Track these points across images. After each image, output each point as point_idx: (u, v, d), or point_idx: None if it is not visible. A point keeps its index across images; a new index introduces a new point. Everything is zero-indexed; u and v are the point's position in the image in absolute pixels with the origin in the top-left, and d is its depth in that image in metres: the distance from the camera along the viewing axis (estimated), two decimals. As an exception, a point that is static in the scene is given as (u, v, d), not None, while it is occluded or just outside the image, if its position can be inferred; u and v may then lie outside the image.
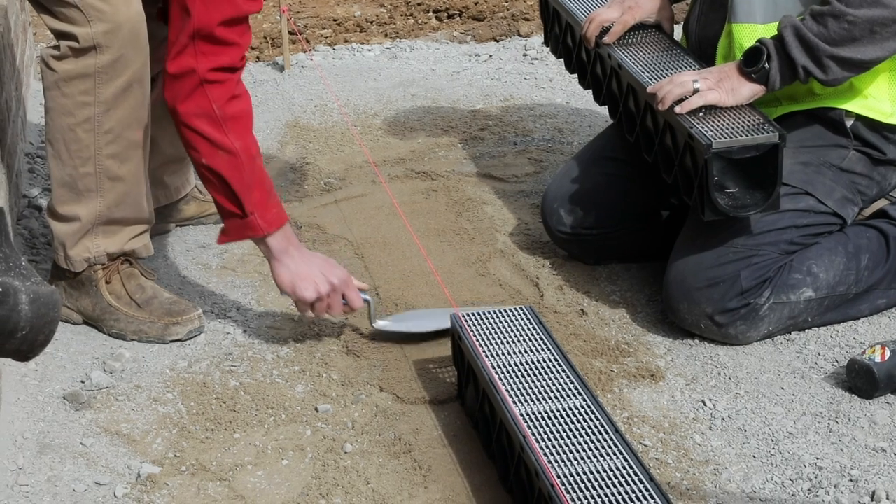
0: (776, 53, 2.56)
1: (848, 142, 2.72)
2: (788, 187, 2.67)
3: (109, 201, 2.68)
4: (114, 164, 2.64)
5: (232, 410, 2.49)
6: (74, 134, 2.61)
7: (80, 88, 2.58)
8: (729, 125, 2.54)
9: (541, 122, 3.93)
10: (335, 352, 2.69)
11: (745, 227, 2.65)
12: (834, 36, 2.52)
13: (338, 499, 2.22)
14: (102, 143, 2.62)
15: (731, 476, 2.26)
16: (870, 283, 2.72)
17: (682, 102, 2.61)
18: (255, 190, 2.58)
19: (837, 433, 2.37)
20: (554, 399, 2.20)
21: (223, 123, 2.53)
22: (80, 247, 2.71)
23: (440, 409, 2.48)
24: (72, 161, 2.63)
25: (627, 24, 2.95)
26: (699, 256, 2.65)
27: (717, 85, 2.61)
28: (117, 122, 2.62)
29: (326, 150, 3.79)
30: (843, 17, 2.50)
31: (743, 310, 2.62)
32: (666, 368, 2.61)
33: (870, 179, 2.76)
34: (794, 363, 2.61)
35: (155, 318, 2.73)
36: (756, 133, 2.51)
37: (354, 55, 4.62)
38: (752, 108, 2.61)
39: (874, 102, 2.69)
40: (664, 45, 2.93)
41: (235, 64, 2.55)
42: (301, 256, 2.63)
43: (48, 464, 2.34)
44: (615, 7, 2.97)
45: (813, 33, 2.53)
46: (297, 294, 2.61)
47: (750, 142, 2.49)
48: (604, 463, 2.02)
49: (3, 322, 1.46)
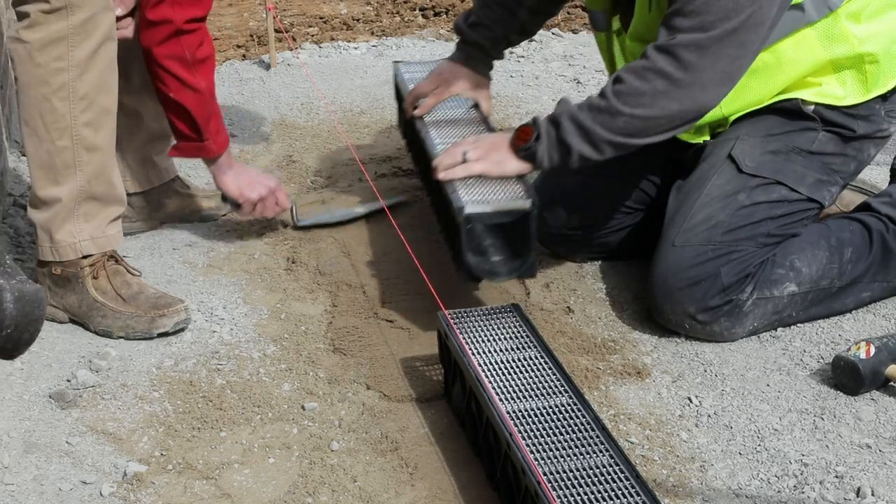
0: (546, 136, 2.59)
1: (816, 124, 2.73)
2: (759, 178, 2.69)
3: (88, 174, 2.69)
4: (90, 132, 2.66)
5: (218, 409, 2.48)
6: (50, 104, 2.62)
7: (53, 55, 2.59)
8: (489, 193, 2.59)
9: (527, 119, 3.93)
10: (322, 350, 2.69)
11: (721, 223, 2.66)
12: (613, 127, 2.54)
13: (324, 497, 2.22)
14: (78, 111, 2.64)
15: (717, 473, 2.27)
16: (853, 277, 2.73)
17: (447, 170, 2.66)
18: (212, 120, 2.96)
19: (823, 430, 2.38)
20: (540, 397, 2.20)
21: (193, 66, 2.86)
22: (64, 231, 2.72)
23: (427, 407, 2.48)
24: (49, 135, 2.64)
25: (442, 97, 3.04)
26: (679, 256, 2.66)
27: (485, 156, 2.64)
28: (91, 86, 2.64)
29: (313, 147, 3.79)
30: (619, 116, 2.53)
31: (726, 307, 2.63)
32: (652, 366, 2.62)
33: (844, 157, 2.77)
34: (779, 360, 2.62)
35: (141, 311, 2.73)
36: (510, 201, 2.55)
37: (341, 53, 4.62)
38: (518, 178, 2.65)
39: (827, 89, 2.71)
40: (473, 124, 2.99)
41: (206, 14, 2.88)
42: (241, 169, 3.12)
43: (34, 463, 2.34)
44: (434, 80, 3.06)
45: (591, 120, 2.55)
46: (245, 195, 3.07)
47: (502, 208, 2.54)
48: (590, 460, 2.02)
49: (-13, 320, 1.45)
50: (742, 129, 2.76)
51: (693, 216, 2.68)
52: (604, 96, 2.55)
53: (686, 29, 2.48)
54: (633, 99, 2.51)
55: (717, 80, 2.50)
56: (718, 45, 2.47)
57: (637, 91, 2.51)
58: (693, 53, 2.47)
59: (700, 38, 2.47)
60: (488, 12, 3.05)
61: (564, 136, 2.56)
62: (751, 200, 2.68)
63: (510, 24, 3.06)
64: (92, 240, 2.75)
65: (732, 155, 2.72)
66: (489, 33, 3.06)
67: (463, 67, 3.07)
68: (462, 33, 3.09)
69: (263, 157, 3.71)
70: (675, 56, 2.49)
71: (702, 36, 2.47)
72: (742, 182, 2.69)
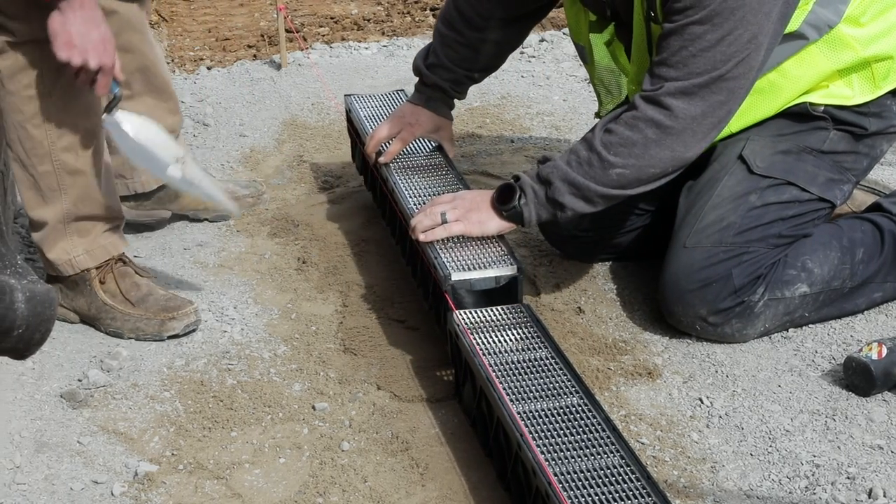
0: (534, 195, 2.56)
1: (826, 123, 2.72)
2: (770, 179, 2.68)
3: (74, 197, 2.67)
4: (70, 157, 2.64)
5: (229, 409, 2.49)
6: (26, 131, 2.60)
7: (23, 82, 2.56)
8: (473, 257, 2.57)
9: (538, 119, 3.92)
10: (332, 350, 2.69)
11: (732, 224, 2.65)
12: (605, 180, 2.52)
13: (335, 497, 2.22)
14: (55, 137, 2.61)
15: (729, 474, 2.26)
16: (865, 277, 2.72)
17: (427, 232, 2.62)
18: None
19: (835, 431, 2.37)
20: (551, 397, 2.20)
21: None
22: (58, 249, 2.72)
23: (437, 407, 2.48)
24: (30, 160, 2.63)
25: (405, 142, 3.00)
26: (690, 258, 2.65)
27: (464, 216, 2.62)
28: (65, 111, 2.60)
29: (323, 148, 3.79)
30: (611, 168, 2.50)
31: (737, 308, 2.62)
32: (663, 366, 2.61)
33: (856, 154, 2.76)
34: (791, 361, 2.61)
35: (151, 314, 2.74)
36: (497, 268, 2.53)
37: (351, 53, 4.61)
38: (499, 238, 2.62)
39: (835, 89, 2.70)
40: (439, 169, 2.98)
41: None
42: (85, 17, 2.46)
43: (45, 462, 2.34)
44: (395, 123, 3.01)
45: (584, 176, 2.52)
46: (54, 48, 2.45)
47: (489, 275, 2.52)
48: (601, 461, 2.02)
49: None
50: (752, 130, 2.75)
51: (704, 217, 2.67)
52: (592, 149, 2.52)
53: (672, 77, 2.47)
54: (625, 149, 2.50)
55: (707, 125, 2.49)
56: (706, 91, 2.46)
57: (628, 141, 2.50)
58: (680, 101, 2.46)
59: (686, 85, 2.45)
60: (449, 52, 3.00)
61: (556, 196, 2.54)
62: (762, 201, 2.67)
63: (473, 62, 3.02)
64: (87, 253, 2.75)
65: (743, 155, 2.71)
66: (450, 74, 3.02)
67: (424, 110, 3.03)
68: (421, 75, 3.04)
69: (274, 157, 3.71)
70: (662, 104, 2.48)
71: (687, 83, 2.45)
72: (753, 183, 2.68)
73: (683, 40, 2.44)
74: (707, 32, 2.42)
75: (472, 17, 2.96)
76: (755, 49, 2.45)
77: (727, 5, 2.40)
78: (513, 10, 2.94)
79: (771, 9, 2.44)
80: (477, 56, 3.01)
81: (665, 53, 2.48)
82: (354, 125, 3.32)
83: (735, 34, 2.42)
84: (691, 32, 2.43)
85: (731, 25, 2.41)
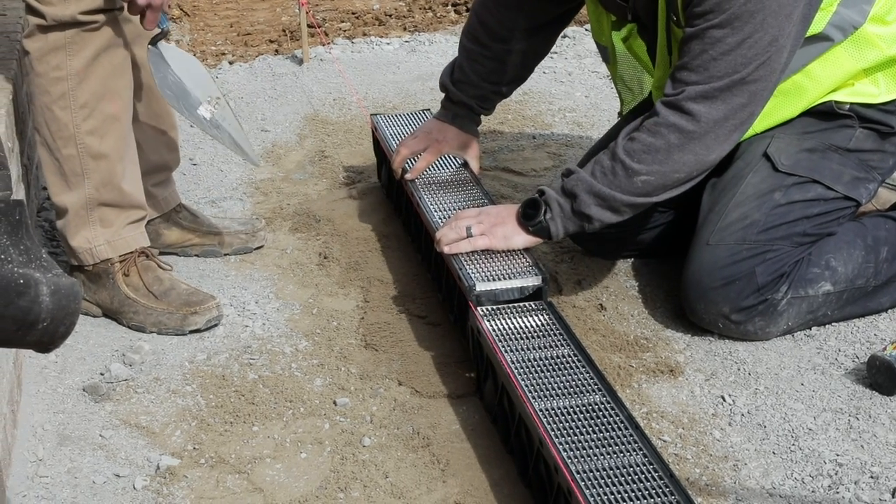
0: (559, 209, 2.55)
1: (852, 121, 2.70)
2: (795, 177, 2.67)
3: (96, 181, 2.69)
4: (94, 140, 2.66)
5: (251, 403, 2.49)
6: (52, 113, 2.64)
7: (52, 64, 2.60)
8: (498, 268, 2.56)
9: (560, 116, 3.92)
10: (354, 346, 2.69)
11: (756, 222, 2.64)
12: (631, 188, 2.51)
13: (356, 492, 2.22)
14: (80, 120, 2.64)
15: (751, 472, 2.25)
16: (889, 276, 2.71)
17: (451, 244, 2.62)
18: None
19: (858, 430, 2.36)
20: (573, 394, 2.19)
21: None
22: (80, 237, 2.74)
23: (459, 403, 2.48)
24: (55, 143, 2.66)
25: (430, 160, 3.00)
26: (713, 255, 2.64)
27: (490, 230, 2.61)
28: (91, 94, 2.64)
29: (345, 143, 3.79)
30: (636, 176, 2.49)
31: (760, 306, 2.61)
32: (685, 363, 2.60)
33: (882, 153, 2.74)
34: (814, 359, 2.60)
35: (173, 308, 2.74)
36: (522, 278, 2.52)
37: (373, 48, 4.62)
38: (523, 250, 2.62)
39: (860, 87, 2.68)
40: (466, 185, 2.97)
41: None
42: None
43: (68, 455, 2.35)
44: (421, 139, 3.01)
45: (609, 186, 2.51)
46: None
47: (515, 286, 2.51)
48: (623, 458, 2.01)
49: (24, 314, 1.46)
50: (777, 128, 2.73)
51: (727, 215, 2.66)
52: (616, 158, 2.51)
53: (693, 82, 2.46)
54: (649, 156, 2.49)
55: (728, 128, 2.48)
56: (727, 94, 2.45)
57: (651, 147, 2.49)
58: (701, 105, 2.45)
59: (706, 89, 2.44)
60: (475, 66, 2.99)
61: (582, 208, 2.53)
62: (786, 199, 2.66)
63: (500, 75, 3.01)
64: (108, 243, 2.76)
65: (768, 153, 2.70)
66: (476, 91, 3.01)
67: (451, 126, 3.04)
68: (448, 91, 3.04)
69: (296, 152, 3.71)
70: (684, 109, 2.46)
71: (708, 87, 2.44)
72: (778, 181, 2.67)
73: (704, 44, 2.43)
74: (727, 36, 2.41)
75: (496, 29, 2.95)
76: (776, 51, 2.43)
77: (747, 8, 2.39)
78: (536, 18, 2.93)
79: (792, 11, 2.42)
80: (504, 68, 3.00)
81: (686, 58, 2.47)
82: (381, 144, 3.32)
83: (755, 37, 2.41)
84: (711, 36, 2.42)
85: (752, 28, 2.40)
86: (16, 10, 3.47)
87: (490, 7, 2.96)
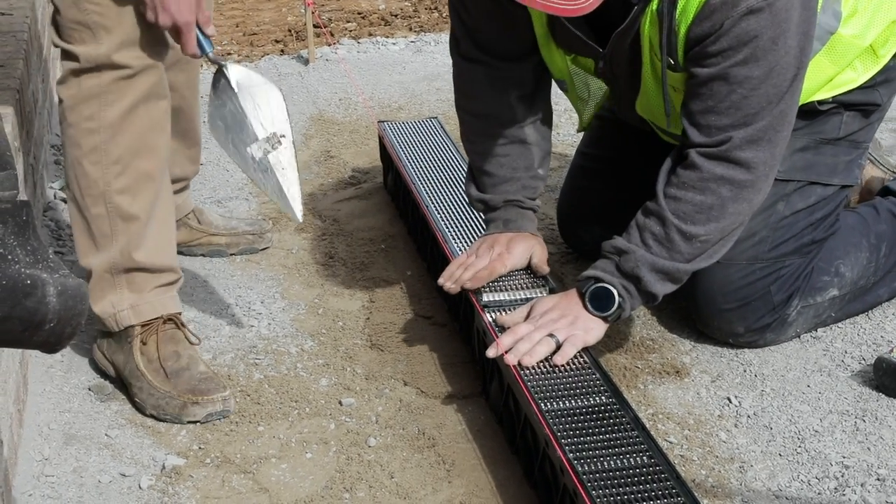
0: (627, 295, 2.37)
1: (838, 109, 2.64)
2: (794, 182, 2.62)
3: (123, 244, 2.47)
4: (125, 200, 2.44)
5: (256, 403, 2.49)
6: (82, 168, 2.42)
7: (85, 114, 2.39)
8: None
9: (564, 116, 3.91)
10: (359, 346, 2.69)
11: (765, 239, 2.60)
12: (690, 254, 2.36)
13: (361, 492, 2.22)
14: (111, 177, 2.42)
15: (757, 474, 2.25)
16: (886, 269, 2.72)
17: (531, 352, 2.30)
18: None
19: (864, 432, 2.36)
20: (578, 395, 2.19)
21: None
22: (105, 302, 2.51)
23: (464, 403, 2.48)
24: (84, 201, 2.45)
25: (494, 274, 2.56)
26: (725, 275, 2.59)
27: (570, 329, 2.35)
28: (125, 149, 2.42)
29: (350, 143, 3.79)
30: (693, 240, 2.35)
31: (774, 323, 2.61)
32: (691, 365, 2.60)
33: (869, 126, 2.69)
34: (820, 361, 2.60)
35: (176, 393, 2.46)
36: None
37: (379, 49, 4.62)
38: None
39: (840, 79, 2.59)
40: None
41: None
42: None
43: (74, 455, 2.35)
44: (484, 255, 2.59)
45: (670, 260, 2.36)
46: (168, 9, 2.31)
47: None
48: (629, 460, 2.01)
49: (31, 314, 1.46)
50: None
51: None
52: (666, 223, 2.33)
53: (729, 127, 2.29)
54: (702, 216, 2.34)
55: (775, 164, 2.36)
56: (771, 131, 2.30)
57: (703, 206, 2.33)
58: (749, 151, 2.30)
59: (750, 132, 2.29)
60: (500, 161, 2.63)
61: (649, 288, 2.37)
62: (790, 209, 2.62)
63: (527, 157, 2.65)
64: (132, 308, 2.52)
65: None
66: (514, 185, 2.64)
67: (510, 234, 2.62)
68: (485, 202, 2.65)
69: (302, 153, 3.71)
70: (732, 160, 2.31)
71: (751, 130, 2.28)
72: (778, 190, 2.60)
73: (730, 84, 2.27)
74: (753, 70, 2.25)
75: (499, 114, 2.64)
76: (804, 66, 2.32)
77: (770, 35, 2.24)
78: (523, 88, 2.67)
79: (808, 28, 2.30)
80: (527, 147, 2.66)
81: (710, 101, 2.30)
82: (388, 151, 3.32)
83: (782, 63, 2.27)
84: (737, 74, 2.26)
85: (776, 56, 2.26)
86: (22, 9, 3.47)
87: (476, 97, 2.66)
